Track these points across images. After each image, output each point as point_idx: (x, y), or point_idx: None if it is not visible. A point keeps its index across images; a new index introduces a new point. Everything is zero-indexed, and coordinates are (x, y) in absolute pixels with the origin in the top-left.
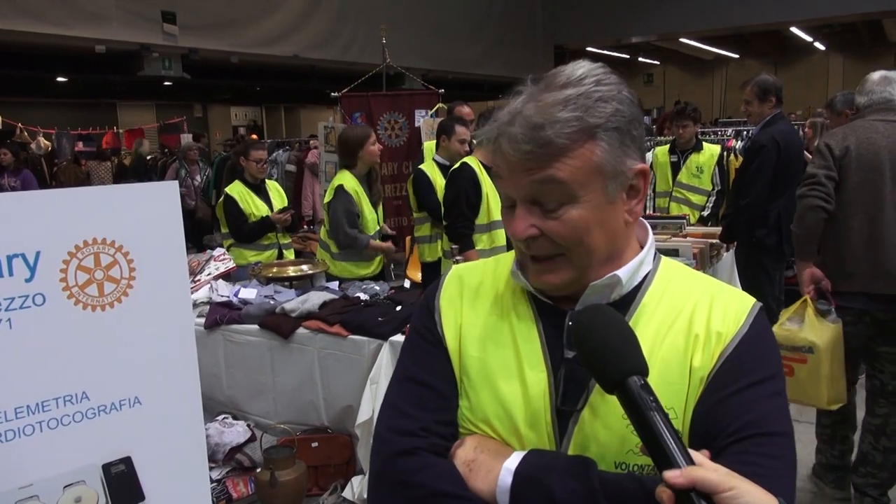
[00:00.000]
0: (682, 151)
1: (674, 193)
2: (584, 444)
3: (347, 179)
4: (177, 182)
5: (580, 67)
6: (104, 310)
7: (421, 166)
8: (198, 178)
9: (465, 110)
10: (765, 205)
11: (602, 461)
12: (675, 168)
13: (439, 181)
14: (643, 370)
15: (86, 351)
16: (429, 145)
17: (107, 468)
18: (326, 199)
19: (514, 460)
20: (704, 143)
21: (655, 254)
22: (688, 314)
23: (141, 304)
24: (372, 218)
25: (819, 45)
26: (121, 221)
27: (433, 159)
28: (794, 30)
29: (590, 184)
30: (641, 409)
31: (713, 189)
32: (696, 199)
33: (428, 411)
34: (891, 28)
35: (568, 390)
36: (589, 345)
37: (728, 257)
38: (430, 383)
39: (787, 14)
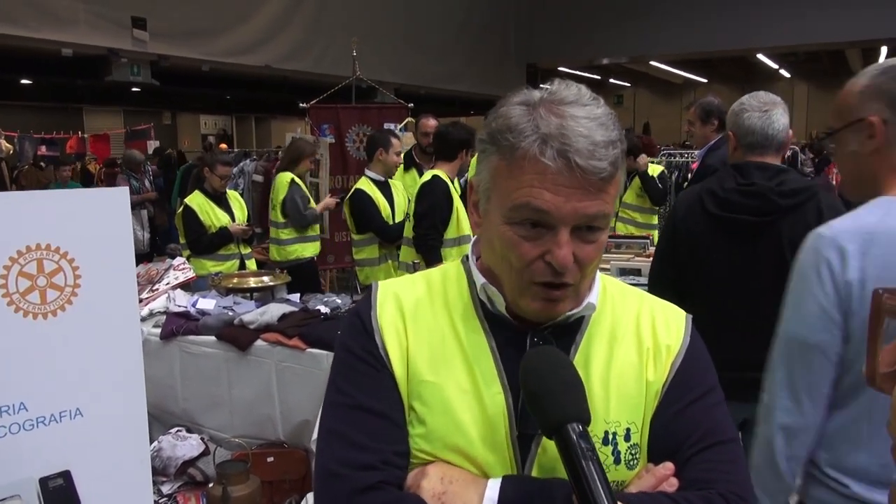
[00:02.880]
0: (628, 173)
1: (620, 213)
2: (549, 465)
3: None
4: (127, 188)
5: (577, 86)
6: (46, 318)
7: (358, 186)
8: (146, 184)
9: (431, 122)
10: None
11: None
12: (623, 189)
13: (381, 200)
14: (584, 418)
15: (25, 360)
16: None
17: (44, 482)
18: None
19: (492, 490)
20: (649, 165)
21: None
22: (633, 327)
23: (86, 313)
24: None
25: (784, 73)
26: (66, 227)
27: (367, 176)
28: (760, 57)
29: (614, 207)
30: (576, 456)
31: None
32: (642, 218)
33: (385, 442)
34: (853, 58)
35: (528, 414)
36: (532, 387)
37: None
38: (382, 412)
39: (754, 42)
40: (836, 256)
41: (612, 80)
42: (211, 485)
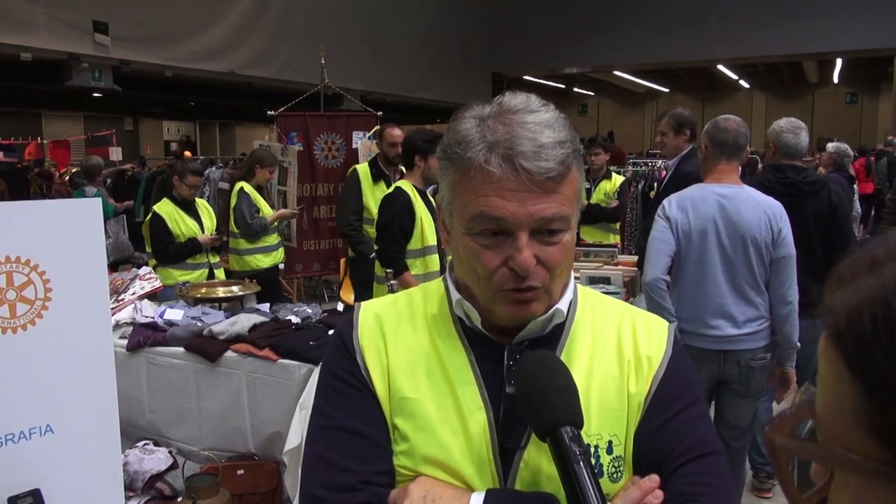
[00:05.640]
0: (593, 179)
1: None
2: (531, 480)
3: None
4: (100, 199)
5: (526, 95)
6: (16, 332)
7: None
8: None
9: (396, 132)
10: None
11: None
12: (588, 194)
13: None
14: (577, 422)
15: None
16: (363, 168)
17: (12, 502)
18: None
19: None
20: (613, 173)
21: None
22: (614, 338)
23: (57, 327)
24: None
25: (744, 83)
26: (37, 239)
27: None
28: (720, 67)
29: (574, 208)
30: (568, 460)
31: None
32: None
33: (366, 462)
34: (810, 70)
35: (510, 427)
36: (527, 390)
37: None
38: (362, 432)
39: (713, 52)
40: (668, 205)
41: (576, 90)
42: (180, 499)
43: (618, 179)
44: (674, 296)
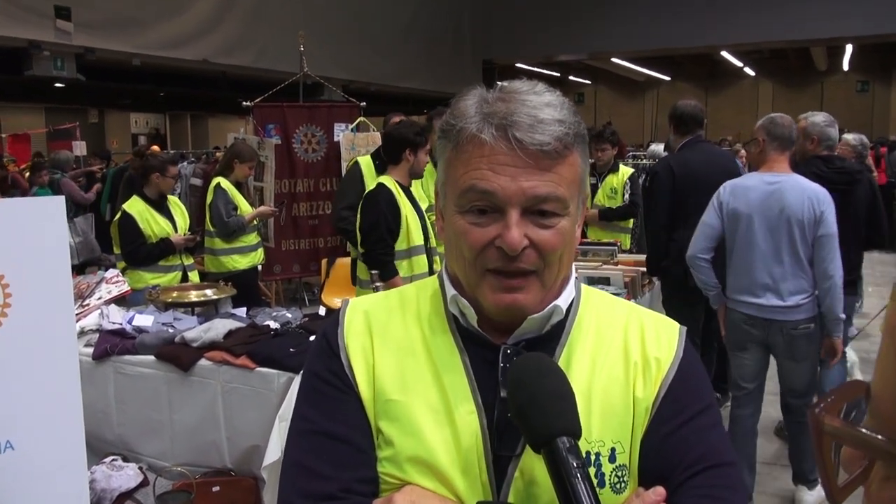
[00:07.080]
0: (599, 174)
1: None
2: (527, 490)
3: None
4: (63, 197)
5: (533, 81)
6: None
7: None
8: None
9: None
10: (667, 234)
11: None
12: (594, 190)
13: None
14: (575, 431)
15: None
16: (365, 160)
17: None
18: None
19: None
20: (621, 166)
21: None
22: (620, 340)
23: (16, 335)
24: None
25: (749, 71)
26: None
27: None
28: (724, 54)
29: (574, 195)
30: (565, 473)
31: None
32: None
33: (346, 469)
34: (818, 56)
35: (504, 433)
36: (520, 398)
37: (654, 290)
38: (344, 436)
39: (717, 38)
40: (723, 190)
41: (571, 78)
42: None
43: (626, 171)
44: (729, 269)
